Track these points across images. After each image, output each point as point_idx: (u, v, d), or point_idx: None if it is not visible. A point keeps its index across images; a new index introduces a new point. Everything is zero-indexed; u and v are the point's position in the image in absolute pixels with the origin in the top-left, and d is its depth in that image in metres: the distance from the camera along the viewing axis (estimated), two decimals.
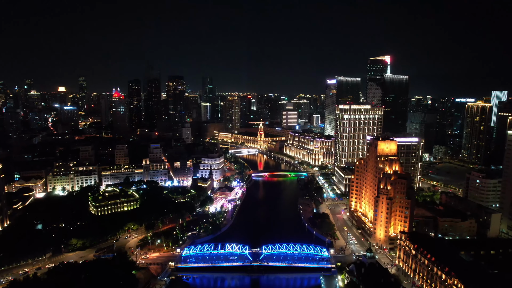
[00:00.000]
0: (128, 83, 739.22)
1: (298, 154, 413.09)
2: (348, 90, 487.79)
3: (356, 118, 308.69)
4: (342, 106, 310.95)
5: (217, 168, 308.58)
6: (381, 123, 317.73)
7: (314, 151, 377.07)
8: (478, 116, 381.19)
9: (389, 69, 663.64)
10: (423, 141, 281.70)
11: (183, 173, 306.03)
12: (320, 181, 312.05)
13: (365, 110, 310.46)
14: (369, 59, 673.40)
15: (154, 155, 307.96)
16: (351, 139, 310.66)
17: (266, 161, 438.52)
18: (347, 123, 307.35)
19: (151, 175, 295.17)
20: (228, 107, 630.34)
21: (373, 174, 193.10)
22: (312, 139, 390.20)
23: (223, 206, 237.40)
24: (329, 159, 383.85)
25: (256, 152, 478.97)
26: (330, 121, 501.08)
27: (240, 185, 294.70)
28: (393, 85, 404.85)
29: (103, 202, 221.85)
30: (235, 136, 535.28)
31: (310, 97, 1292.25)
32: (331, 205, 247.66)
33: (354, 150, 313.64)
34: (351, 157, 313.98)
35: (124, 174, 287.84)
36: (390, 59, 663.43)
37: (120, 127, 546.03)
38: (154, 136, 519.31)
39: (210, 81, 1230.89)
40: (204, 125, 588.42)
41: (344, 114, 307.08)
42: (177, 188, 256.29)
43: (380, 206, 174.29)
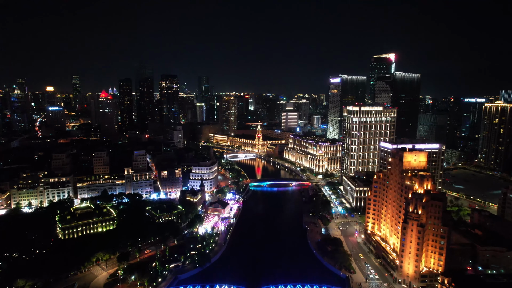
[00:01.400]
0: (119, 83, 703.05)
1: (300, 160, 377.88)
2: (353, 90, 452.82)
3: (367, 121, 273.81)
4: (351, 107, 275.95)
5: (210, 178, 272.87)
6: (394, 127, 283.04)
7: (317, 157, 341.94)
8: (498, 118, 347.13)
9: (393, 67, 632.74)
10: (444, 147, 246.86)
11: (171, 183, 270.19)
12: (326, 192, 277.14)
13: (376, 112, 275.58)
14: (372, 57, 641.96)
15: (138, 163, 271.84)
16: (361, 145, 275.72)
17: (265, 167, 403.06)
18: (356, 126, 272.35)
19: (134, 186, 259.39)
20: (224, 107, 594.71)
21: (396, 192, 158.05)
22: (315, 143, 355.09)
23: (214, 227, 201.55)
24: (334, 166, 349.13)
25: (254, 157, 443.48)
26: (333, 123, 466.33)
27: (235, 197, 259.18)
28: (404, 84, 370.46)
29: (72, 223, 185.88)
30: (231, 139, 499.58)
31: (309, 96, 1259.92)
32: (341, 223, 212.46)
33: (364, 157, 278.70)
34: (361, 165, 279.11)
35: (103, 185, 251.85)
36: (394, 57, 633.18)
37: (108, 130, 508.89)
38: (144, 140, 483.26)
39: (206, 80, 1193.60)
40: (198, 127, 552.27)
41: (353, 117, 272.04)
42: (161, 204, 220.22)
43: (408, 235, 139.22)
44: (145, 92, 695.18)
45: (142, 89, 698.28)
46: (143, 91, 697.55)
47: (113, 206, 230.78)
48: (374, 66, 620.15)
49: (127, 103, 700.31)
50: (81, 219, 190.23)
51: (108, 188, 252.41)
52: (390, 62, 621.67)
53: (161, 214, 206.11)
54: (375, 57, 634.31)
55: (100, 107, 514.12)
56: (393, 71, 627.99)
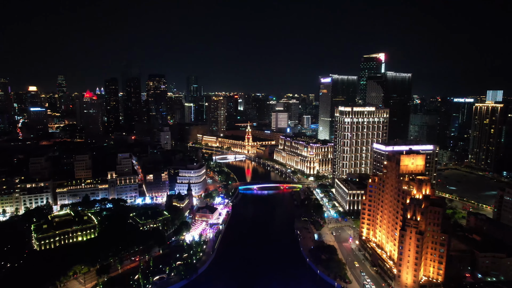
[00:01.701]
0: (105, 82, 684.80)
1: (291, 161, 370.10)
2: (344, 90, 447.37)
3: (359, 122, 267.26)
4: (343, 108, 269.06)
5: (198, 182, 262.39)
6: (386, 128, 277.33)
7: (308, 158, 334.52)
8: (488, 118, 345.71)
9: (383, 67, 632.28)
10: (438, 149, 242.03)
11: (157, 188, 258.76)
12: (318, 195, 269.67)
13: (368, 112, 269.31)
14: (362, 57, 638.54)
15: (122, 166, 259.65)
16: (353, 146, 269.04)
17: (255, 168, 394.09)
18: (348, 127, 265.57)
19: (118, 191, 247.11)
20: (213, 108, 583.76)
21: (393, 197, 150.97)
22: (306, 144, 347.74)
23: (202, 234, 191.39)
24: (325, 167, 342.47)
25: (243, 158, 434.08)
26: (324, 123, 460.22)
27: (224, 202, 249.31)
28: (395, 84, 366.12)
29: (49, 232, 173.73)
30: (220, 140, 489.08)
31: (299, 96, 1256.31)
32: (334, 228, 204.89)
33: (356, 158, 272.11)
34: (353, 167, 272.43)
35: (84, 191, 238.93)
36: (384, 56, 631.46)
37: (92, 131, 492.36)
38: (130, 141, 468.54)
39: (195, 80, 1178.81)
40: (186, 128, 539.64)
41: (345, 117, 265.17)
42: (146, 210, 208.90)
43: (407, 243, 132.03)
44: (132, 92, 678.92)
45: (128, 89, 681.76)
46: (129, 91, 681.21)
47: (95, 212, 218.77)
48: (364, 66, 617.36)
49: (113, 103, 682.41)
50: (59, 227, 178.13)
51: (90, 193, 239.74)
52: (380, 62, 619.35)
53: (146, 221, 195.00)
54: (365, 57, 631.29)
55: (84, 107, 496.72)
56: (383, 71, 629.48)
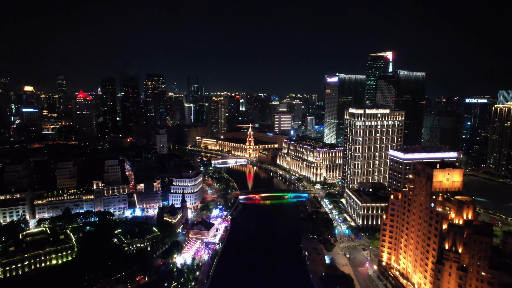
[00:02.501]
0: (102, 82, 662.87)
1: (295, 167, 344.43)
2: (351, 90, 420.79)
3: (372, 126, 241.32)
4: (354, 110, 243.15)
5: (193, 192, 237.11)
6: (401, 132, 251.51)
7: (315, 164, 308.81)
8: (510, 121, 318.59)
9: (391, 66, 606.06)
10: (462, 156, 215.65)
11: (148, 198, 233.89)
12: (326, 206, 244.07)
13: (382, 115, 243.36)
14: (369, 56, 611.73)
15: (110, 175, 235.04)
16: (365, 152, 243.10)
17: (257, 174, 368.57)
18: (360, 131, 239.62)
19: (105, 203, 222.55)
20: (213, 108, 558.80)
21: (423, 219, 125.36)
22: (312, 148, 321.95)
23: (196, 257, 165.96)
24: (333, 173, 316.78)
25: (244, 163, 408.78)
26: (330, 125, 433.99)
27: (222, 214, 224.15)
28: (408, 84, 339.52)
29: (16, 256, 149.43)
30: (220, 143, 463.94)
31: (302, 96, 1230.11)
32: (347, 248, 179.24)
33: (369, 166, 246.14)
34: (365, 175, 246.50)
35: (67, 202, 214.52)
36: (392, 55, 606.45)
37: (86, 133, 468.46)
38: (126, 144, 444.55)
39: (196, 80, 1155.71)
40: (185, 130, 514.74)
41: (356, 120, 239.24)
42: (134, 227, 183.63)
43: (445, 280, 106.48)
44: (130, 92, 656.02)
45: (126, 89, 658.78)
46: (127, 91, 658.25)
47: (77, 227, 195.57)
48: (371, 65, 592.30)
49: (110, 103, 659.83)
50: (29, 250, 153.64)
51: (74, 205, 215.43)
52: (387, 61, 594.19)
53: (132, 240, 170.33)
54: (372, 55, 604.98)
55: (77, 108, 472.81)
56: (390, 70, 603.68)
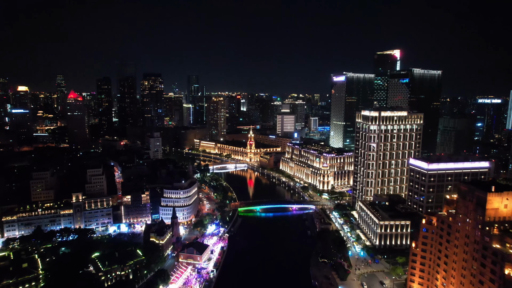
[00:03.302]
0: (97, 82, 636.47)
1: (300, 173, 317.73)
2: (359, 89, 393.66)
3: (388, 130, 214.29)
4: (367, 112, 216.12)
5: (187, 205, 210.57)
6: (420, 137, 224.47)
7: (322, 171, 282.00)
8: None
9: (398, 64, 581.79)
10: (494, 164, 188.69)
11: (136, 212, 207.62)
12: (337, 220, 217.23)
13: (399, 118, 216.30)
14: (376, 54, 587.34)
15: (93, 186, 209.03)
16: (380, 160, 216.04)
17: (258, 181, 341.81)
18: (375, 137, 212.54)
19: (86, 218, 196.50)
20: (212, 109, 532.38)
21: (470, 254, 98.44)
22: (319, 154, 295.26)
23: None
24: (341, 181, 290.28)
25: (245, 168, 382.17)
26: (336, 128, 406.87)
27: (219, 231, 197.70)
28: (423, 83, 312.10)
29: None
30: (219, 146, 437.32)
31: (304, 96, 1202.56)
32: (364, 276, 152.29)
33: (384, 175, 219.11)
34: (379, 185, 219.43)
35: (42, 218, 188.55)
36: (399, 53, 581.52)
37: (77, 136, 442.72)
38: (119, 147, 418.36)
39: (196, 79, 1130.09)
40: (182, 132, 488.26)
41: (371, 124, 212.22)
42: (113, 251, 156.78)
43: None
44: (126, 93, 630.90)
45: (122, 89, 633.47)
46: (123, 91, 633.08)
47: (52, 247, 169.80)
48: (378, 64, 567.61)
49: (106, 104, 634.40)
50: None
51: (49, 221, 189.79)
52: (395, 59, 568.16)
53: (111, 268, 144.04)
54: (379, 54, 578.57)
55: (68, 109, 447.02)
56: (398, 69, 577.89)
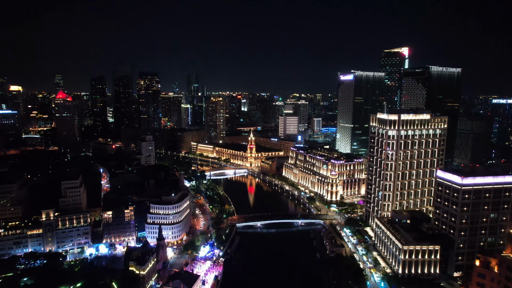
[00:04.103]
0: (91, 81, 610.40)
1: (305, 181, 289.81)
2: (368, 89, 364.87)
3: (408, 136, 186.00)
4: (385, 115, 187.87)
5: (177, 222, 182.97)
6: (443, 143, 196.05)
7: (330, 180, 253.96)
8: None
9: (407, 63, 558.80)
10: None
11: (118, 230, 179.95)
12: (349, 239, 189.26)
13: (421, 122, 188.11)
14: (383, 52, 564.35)
15: (67, 200, 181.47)
16: (400, 170, 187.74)
17: (259, 188, 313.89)
18: (394, 143, 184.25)
19: (59, 239, 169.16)
20: (211, 110, 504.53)
21: None
22: (326, 160, 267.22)
23: None
24: (351, 190, 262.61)
25: (245, 173, 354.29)
26: (344, 130, 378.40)
27: (214, 254, 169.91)
28: (441, 82, 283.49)
29: None
30: (218, 149, 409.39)
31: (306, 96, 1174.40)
32: None
33: (403, 187, 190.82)
34: (398, 199, 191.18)
35: (4, 240, 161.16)
36: (408, 51, 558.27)
37: (67, 138, 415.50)
38: (111, 151, 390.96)
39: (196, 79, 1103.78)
40: (178, 135, 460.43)
41: (389, 129, 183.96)
42: (84, 285, 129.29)
43: None
44: (121, 92, 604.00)
45: (117, 88, 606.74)
46: (118, 91, 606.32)
47: (13, 277, 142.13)
48: (385, 62, 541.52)
49: (100, 104, 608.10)
50: None
51: (14, 243, 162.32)
52: (403, 57, 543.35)
53: None
54: (386, 51, 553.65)
55: (56, 110, 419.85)
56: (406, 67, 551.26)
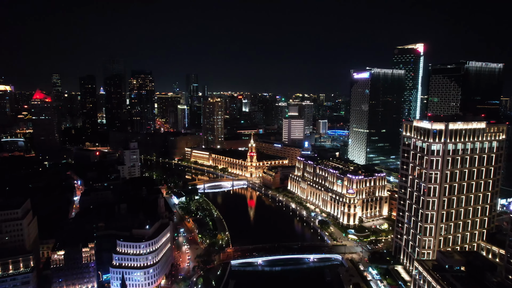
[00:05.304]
0: (80, 81, 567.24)
1: (315, 198, 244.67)
2: (386, 89, 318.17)
3: (458, 150, 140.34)
4: (426, 123, 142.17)
5: (150, 265, 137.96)
6: (500, 159, 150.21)
7: (346, 199, 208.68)
8: None
9: (422, 60, 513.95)
10: None
11: (72, 276, 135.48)
12: (376, 283, 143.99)
13: (473, 132, 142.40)
14: (396, 49, 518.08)
15: (2, 237, 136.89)
16: (447, 196, 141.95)
17: (260, 205, 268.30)
18: (439, 160, 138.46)
19: None
20: (208, 112, 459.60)
21: None
22: (341, 174, 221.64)
23: None
24: (371, 211, 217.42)
25: (244, 186, 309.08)
26: (357, 136, 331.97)
27: None
28: (479, 80, 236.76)
29: None
30: (214, 157, 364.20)
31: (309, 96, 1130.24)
32: None
33: (450, 217, 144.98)
34: (443, 233, 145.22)
35: None
36: (423, 47, 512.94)
37: (45, 144, 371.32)
38: (94, 158, 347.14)
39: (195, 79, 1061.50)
40: (171, 139, 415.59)
41: (432, 142, 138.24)
42: None
43: None
44: (112, 92, 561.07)
45: (108, 88, 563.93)
46: (109, 90, 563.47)
47: None
48: (398, 60, 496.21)
49: (90, 105, 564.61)
50: None
51: None
52: (417, 54, 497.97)
53: None
54: (399, 48, 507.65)
55: (33, 113, 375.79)
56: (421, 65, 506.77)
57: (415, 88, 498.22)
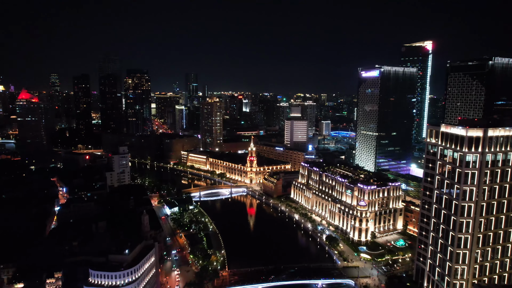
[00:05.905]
0: (73, 80, 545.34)
1: (321, 209, 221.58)
2: (397, 89, 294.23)
3: (498, 161, 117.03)
4: (458, 129, 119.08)
5: None
6: None
7: (358, 213, 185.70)
8: None
9: (430, 58, 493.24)
10: None
11: None
12: None
13: None
14: (403, 47, 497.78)
15: None
16: (485, 216, 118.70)
17: (260, 216, 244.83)
18: (475, 174, 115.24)
19: None
20: (206, 113, 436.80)
21: None
22: (351, 184, 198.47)
23: None
24: (383, 224, 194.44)
25: (244, 193, 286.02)
26: (365, 140, 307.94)
27: None
28: (505, 78, 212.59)
29: None
30: (211, 161, 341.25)
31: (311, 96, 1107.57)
32: None
33: (486, 242, 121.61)
34: (481, 258, 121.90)
35: None
36: (432, 45, 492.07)
37: (31, 146, 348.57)
38: (83, 162, 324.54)
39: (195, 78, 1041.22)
40: (167, 142, 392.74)
41: (467, 152, 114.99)
42: None
43: None
44: (107, 92, 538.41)
45: (103, 88, 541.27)
46: (104, 90, 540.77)
47: None
48: (406, 58, 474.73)
49: (84, 106, 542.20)
50: None
51: None
52: (426, 52, 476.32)
53: None
54: (406, 46, 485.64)
55: (19, 114, 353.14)
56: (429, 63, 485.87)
57: (424, 88, 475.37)
